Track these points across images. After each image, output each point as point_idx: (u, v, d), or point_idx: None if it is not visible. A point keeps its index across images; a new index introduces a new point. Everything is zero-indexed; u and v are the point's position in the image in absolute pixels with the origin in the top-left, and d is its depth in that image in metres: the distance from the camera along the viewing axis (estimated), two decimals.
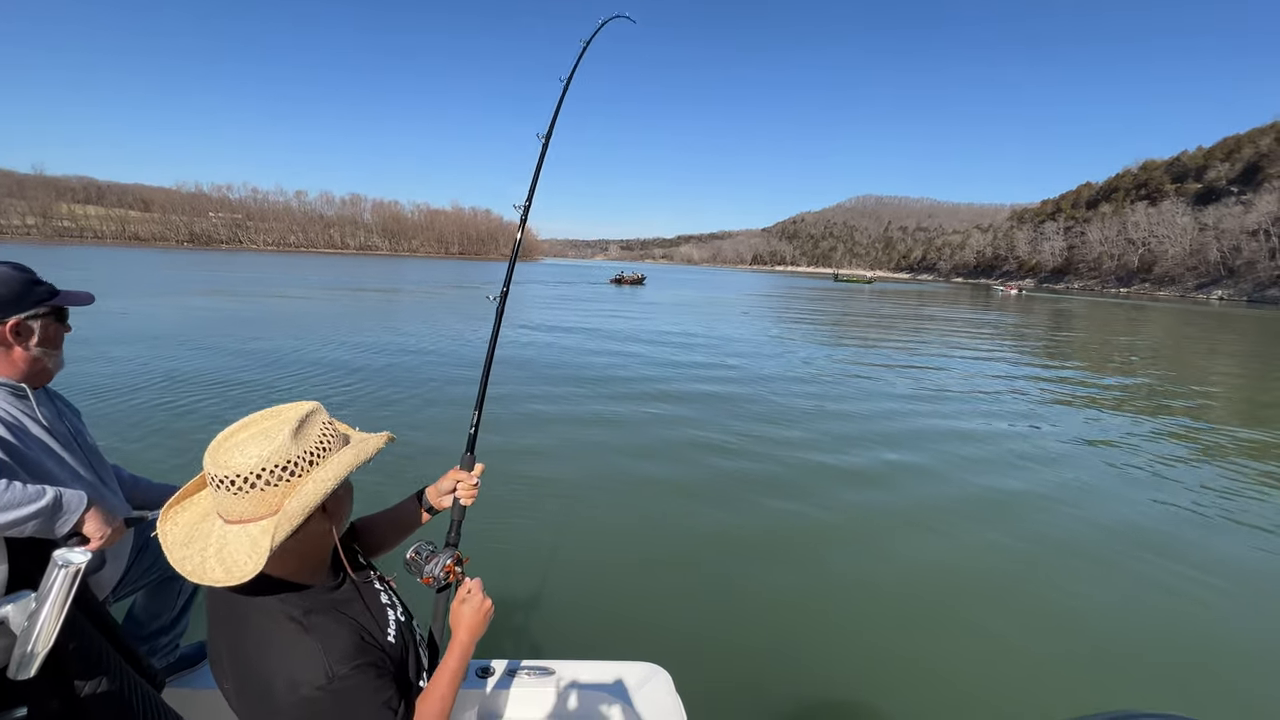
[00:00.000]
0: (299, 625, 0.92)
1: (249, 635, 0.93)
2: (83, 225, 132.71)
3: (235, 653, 0.95)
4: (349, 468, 0.96)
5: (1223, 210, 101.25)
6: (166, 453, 5.42)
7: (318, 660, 0.90)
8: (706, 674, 2.80)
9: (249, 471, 0.88)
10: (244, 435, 0.92)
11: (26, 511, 1.16)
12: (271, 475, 0.89)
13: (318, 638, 0.92)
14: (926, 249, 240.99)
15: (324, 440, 0.96)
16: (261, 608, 0.94)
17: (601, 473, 5.50)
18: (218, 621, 1.00)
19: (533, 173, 2.01)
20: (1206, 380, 13.09)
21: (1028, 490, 5.57)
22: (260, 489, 0.89)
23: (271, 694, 0.89)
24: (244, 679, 0.93)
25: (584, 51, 2.23)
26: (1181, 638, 3.40)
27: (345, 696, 0.90)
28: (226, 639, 0.97)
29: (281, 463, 0.90)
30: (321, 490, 0.91)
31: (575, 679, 1.83)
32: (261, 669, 0.90)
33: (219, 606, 0.99)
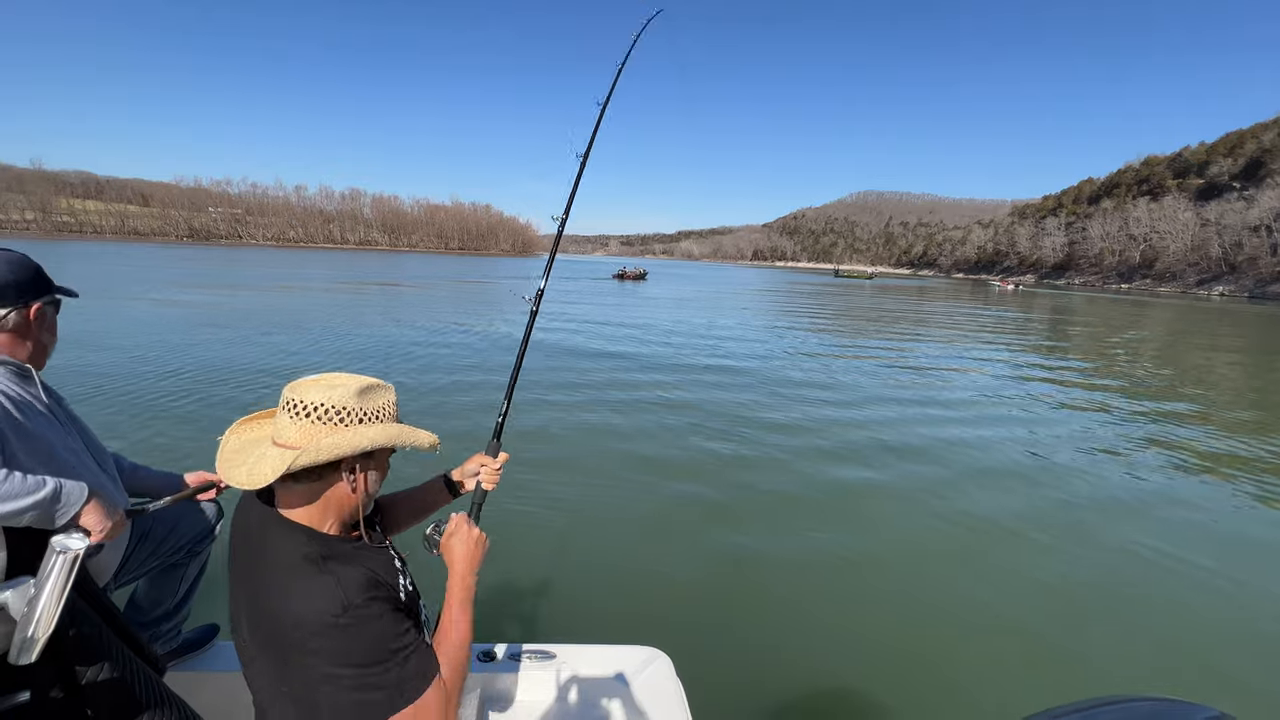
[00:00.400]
0: (315, 565, 0.97)
1: (268, 573, 0.98)
2: (82, 220, 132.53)
3: (255, 599, 0.98)
4: (391, 438, 1.03)
5: (1225, 206, 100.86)
6: (176, 440, 5.45)
7: (333, 593, 0.93)
8: (706, 658, 2.82)
9: (311, 403, 0.99)
10: (322, 381, 1.02)
11: (26, 503, 1.16)
12: (325, 413, 0.99)
13: (333, 574, 0.96)
14: (928, 245, 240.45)
15: (382, 410, 1.05)
16: (282, 547, 0.99)
17: (603, 460, 5.53)
18: (240, 574, 1.04)
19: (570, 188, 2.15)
20: (1205, 373, 13.10)
21: (1027, 485, 5.60)
22: (312, 420, 0.99)
23: (290, 630, 0.93)
24: (263, 621, 0.96)
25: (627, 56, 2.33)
26: (1178, 625, 3.42)
27: (363, 624, 0.93)
28: (247, 588, 1.01)
29: (339, 406, 0.99)
30: (356, 442, 0.98)
31: (577, 663, 1.85)
32: (280, 607, 0.94)
33: (243, 556, 1.04)
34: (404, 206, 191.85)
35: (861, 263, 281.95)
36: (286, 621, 0.93)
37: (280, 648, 0.95)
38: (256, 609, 0.98)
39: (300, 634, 0.92)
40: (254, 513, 1.06)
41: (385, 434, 1.03)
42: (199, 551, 1.86)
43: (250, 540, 1.04)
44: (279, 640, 0.94)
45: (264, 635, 0.97)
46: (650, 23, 2.44)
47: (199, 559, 1.88)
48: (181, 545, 1.78)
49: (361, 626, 0.93)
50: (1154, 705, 0.92)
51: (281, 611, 0.94)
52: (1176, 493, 5.53)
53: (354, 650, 0.92)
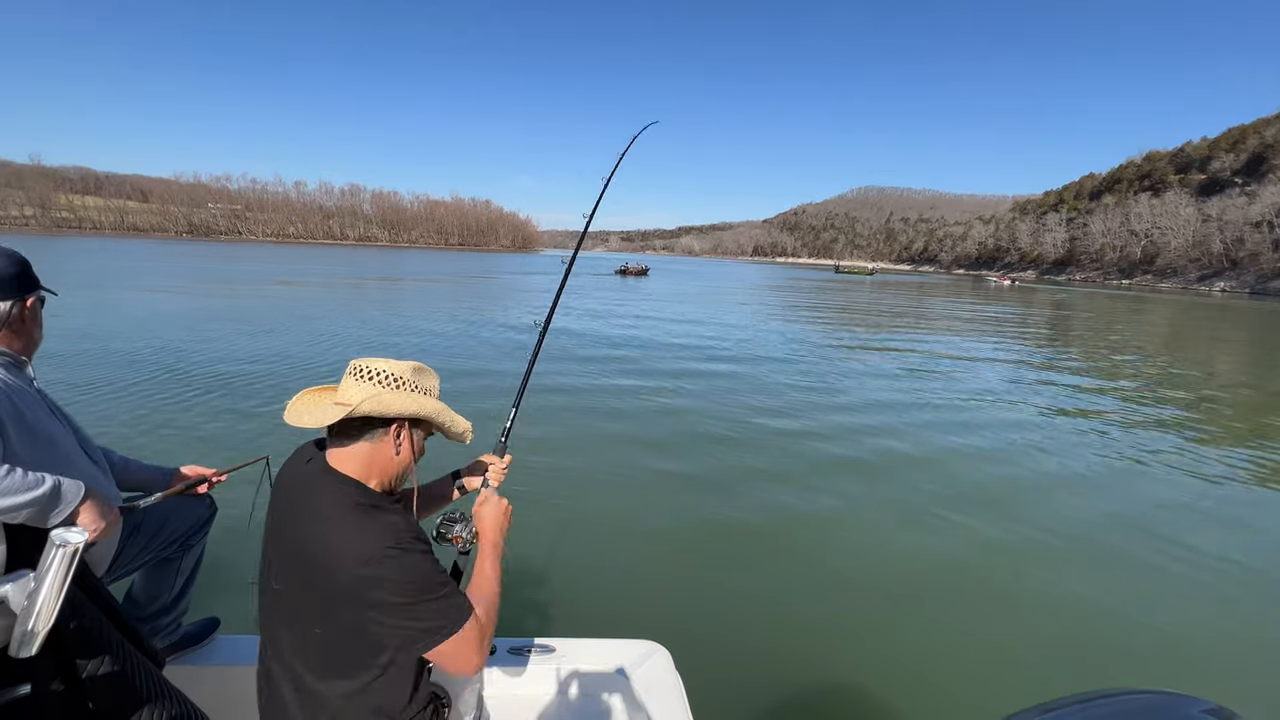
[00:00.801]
0: (363, 510, 1.08)
1: (319, 523, 1.07)
2: (81, 216, 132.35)
3: (302, 542, 1.07)
4: (437, 411, 1.21)
5: (1226, 201, 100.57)
6: (169, 435, 5.45)
7: (382, 530, 1.05)
8: (705, 652, 2.83)
9: (376, 370, 1.16)
10: (384, 359, 1.20)
11: (24, 499, 1.16)
12: (387, 380, 1.16)
13: (380, 518, 1.08)
14: (928, 240, 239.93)
15: (432, 389, 1.25)
16: (334, 497, 1.09)
17: (603, 455, 5.53)
18: (283, 523, 1.14)
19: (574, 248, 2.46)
20: (1204, 368, 13.10)
21: (1026, 481, 5.62)
22: (375, 383, 1.15)
23: (343, 566, 1.01)
24: (310, 564, 1.05)
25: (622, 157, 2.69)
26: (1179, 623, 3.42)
27: (411, 556, 1.04)
28: (293, 535, 1.10)
29: (399, 375, 1.17)
30: (407, 405, 1.15)
31: (576, 656, 1.85)
32: (334, 546, 1.03)
33: (288, 506, 1.15)
34: (404, 202, 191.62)
35: (862, 258, 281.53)
36: (339, 558, 1.01)
37: (327, 586, 1.02)
38: (303, 553, 1.07)
39: (353, 568, 1.00)
40: (303, 467, 1.17)
41: (434, 406, 1.20)
42: (192, 545, 1.86)
43: (297, 491, 1.14)
44: (327, 579, 1.02)
45: (304, 575, 1.05)
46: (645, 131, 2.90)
47: (193, 552, 1.88)
48: (174, 539, 1.78)
49: (410, 558, 1.04)
50: (1150, 698, 0.92)
51: (334, 550, 1.02)
52: (1172, 488, 5.53)
53: (405, 580, 1.02)
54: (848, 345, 14.29)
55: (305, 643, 1.08)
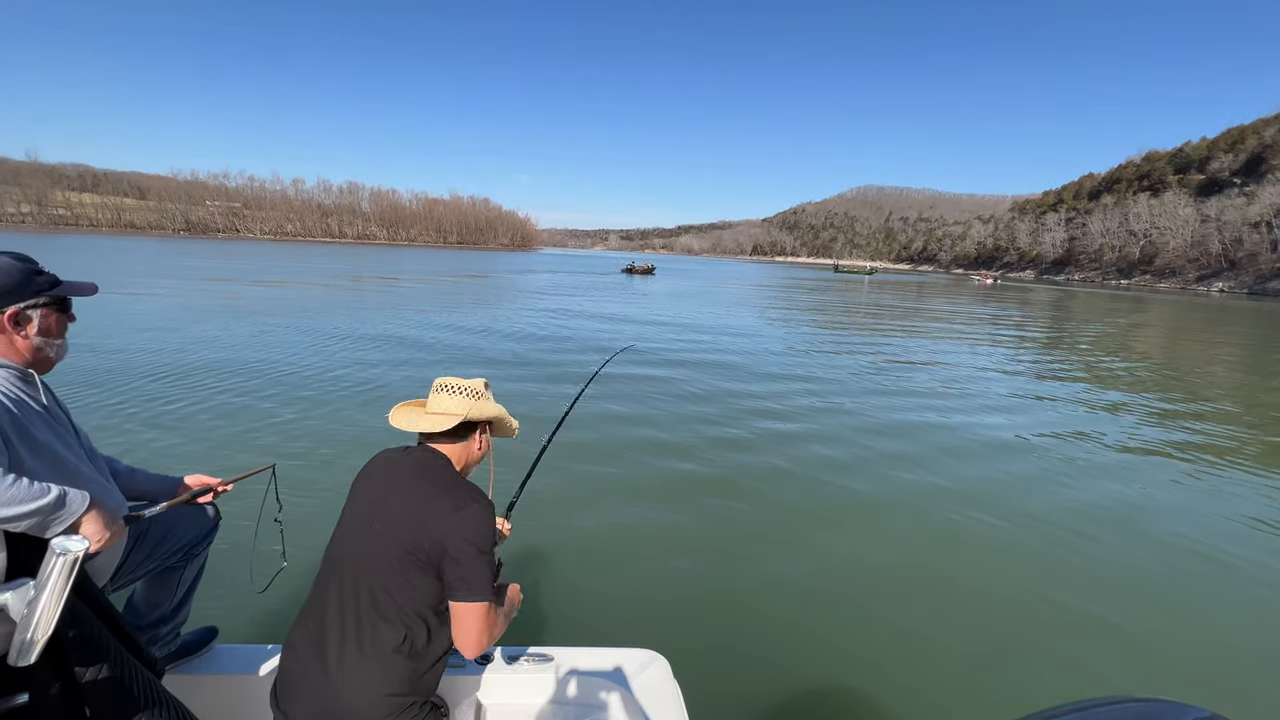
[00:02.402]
0: (455, 479, 1.46)
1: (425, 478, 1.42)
2: (78, 213, 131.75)
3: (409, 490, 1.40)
4: (502, 414, 1.59)
5: (1225, 202, 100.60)
6: (173, 444, 5.41)
7: (472, 489, 1.43)
8: (704, 661, 2.82)
9: (465, 386, 1.52)
10: (457, 377, 1.56)
11: (28, 508, 1.16)
12: (473, 393, 1.52)
13: (469, 485, 1.46)
14: (927, 240, 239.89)
15: (492, 398, 1.61)
16: (437, 469, 1.45)
17: (603, 462, 5.50)
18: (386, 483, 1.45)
19: None
20: (1195, 365, 13.10)
21: (1026, 483, 5.60)
22: (464, 396, 1.51)
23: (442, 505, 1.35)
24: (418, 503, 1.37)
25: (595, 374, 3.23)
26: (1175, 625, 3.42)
27: (489, 511, 1.39)
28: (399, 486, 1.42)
29: (478, 389, 1.55)
30: (494, 410, 1.56)
31: (574, 665, 1.86)
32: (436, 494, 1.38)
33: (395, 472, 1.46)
34: (402, 200, 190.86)
35: (861, 258, 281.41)
36: (439, 504, 1.35)
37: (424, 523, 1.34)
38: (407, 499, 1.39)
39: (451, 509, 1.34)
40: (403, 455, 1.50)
41: (500, 411, 1.58)
42: (196, 555, 1.86)
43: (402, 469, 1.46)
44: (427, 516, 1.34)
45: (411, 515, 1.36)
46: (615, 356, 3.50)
47: (196, 562, 1.88)
48: (178, 548, 1.79)
49: (488, 511, 1.38)
50: (1144, 706, 0.94)
51: (437, 498, 1.37)
52: (1170, 490, 5.52)
53: (484, 530, 1.35)
54: (848, 345, 14.27)
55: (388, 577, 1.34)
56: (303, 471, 4.81)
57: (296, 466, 4.90)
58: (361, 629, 1.31)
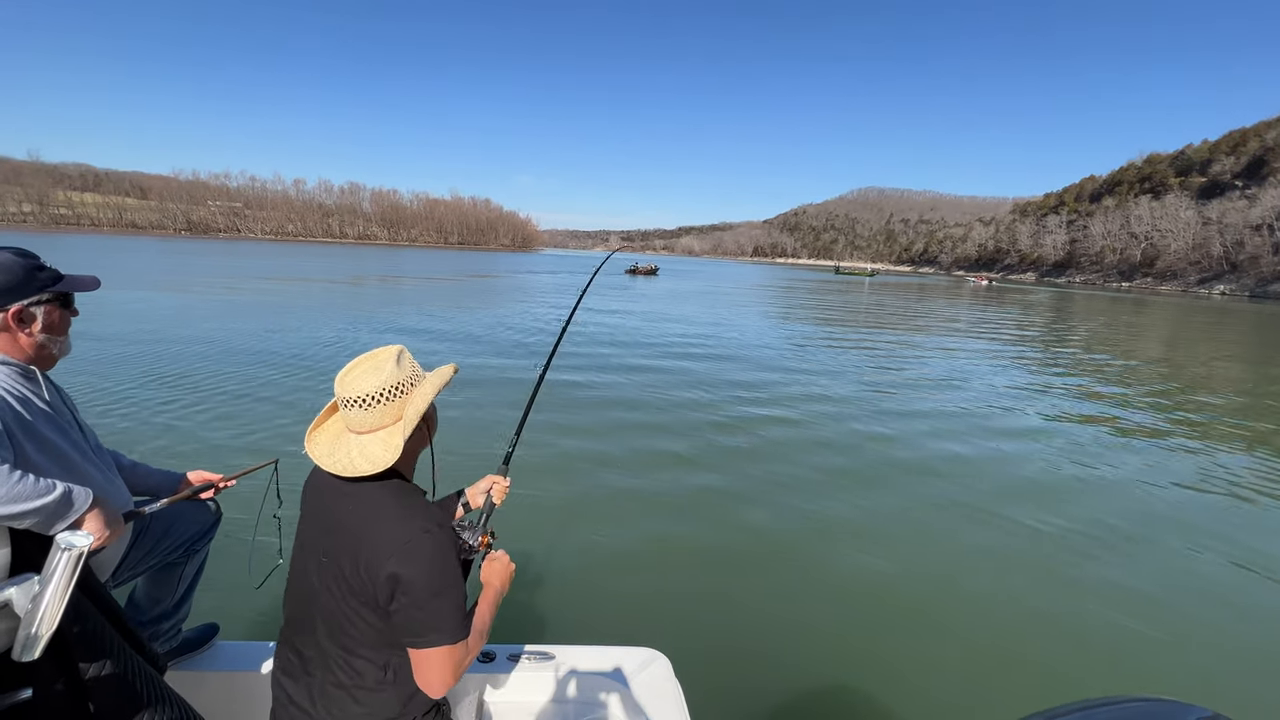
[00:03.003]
0: (405, 498, 1.21)
1: (368, 504, 1.18)
2: (79, 213, 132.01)
3: (351, 520, 1.17)
4: (438, 387, 1.27)
5: (1227, 204, 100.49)
6: (174, 440, 5.41)
7: (421, 517, 1.17)
8: (705, 660, 2.81)
9: (375, 392, 1.18)
10: (360, 370, 1.20)
11: (34, 505, 1.16)
12: (389, 393, 1.19)
13: (418, 507, 1.20)
14: (928, 242, 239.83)
15: (415, 368, 1.27)
16: (377, 489, 1.20)
17: (605, 460, 5.50)
18: (325, 505, 1.23)
19: None
20: (1189, 367, 13.08)
21: (1025, 486, 5.60)
22: (383, 404, 1.18)
23: (388, 538, 1.12)
24: (358, 536, 1.15)
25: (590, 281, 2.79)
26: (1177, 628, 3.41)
27: (443, 544, 1.15)
28: (341, 513, 1.19)
29: (394, 384, 1.20)
30: (427, 399, 1.24)
31: (576, 664, 1.85)
32: (379, 522, 1.15)
33: (333, 492, 1.22)
34: (403, 201, 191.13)
35: (862, 259, 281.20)
36: (383, 538, 1.12)
37: (368, 561, 1.12)
38: (347, 532, 1.16)
39: (396, 545, 1.11)
40: None
41: (434, 386, 1.27)
42: (197, 550, 1.85)
43: (342, 488, 1.21)
44: (370, 553, 1.12)
45: (352, 550, 1.14)
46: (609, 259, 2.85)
47: (197, 558, 1.87)
48: (179, 544, 1.78)
49: (443, 546, 1.14)
50: (1147, 705, 0.94)
51: (379, 530, 1.14)
52: (1170, 493, 5.51)
53: (436, 565, 1.12)
54: (849, 347, 14.27)
55: (340, 613, 1.16)
56: (306, 468, 4.79)
57: (300, 462, 4.89)
58: (338, 664, 1.19)
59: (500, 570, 1.42)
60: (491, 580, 1.40)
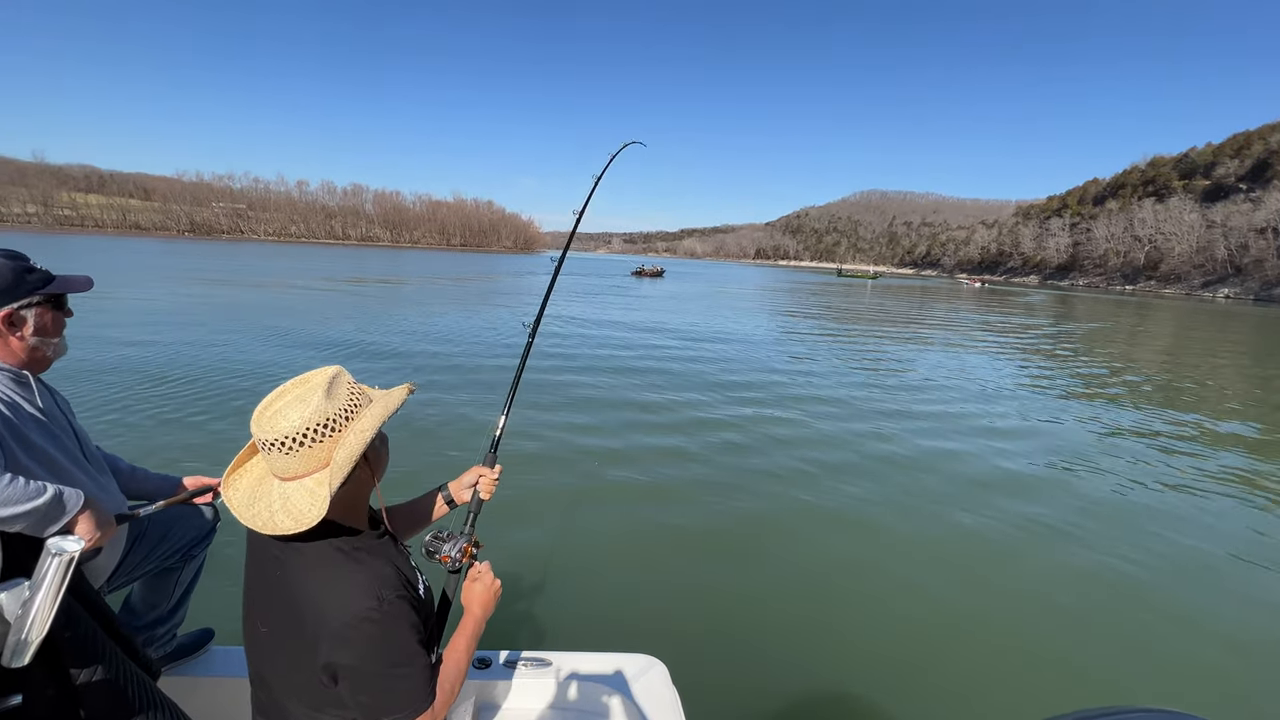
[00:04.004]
0: (349, 558, 1.01)
1: (302, 570, 1.00)
2: (83, 214, 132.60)
3: (286, 588, 1.01)
4: (381, 419, 1.04)
5: (1231, 208, 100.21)
6: (173, 443, 5.38)
7: (369, 586, 0.98)
8: (703, 666, 2.78)
9: (296, 433, 0.97)
10: (282, 403, 0.99)
11: (25, 508, 1.14)
12: (315, 434, 0.98)
13: (366, 568, 1.01)
14: (931, 244, 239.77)
15: (353, 397, 1.04)
16: (315, 546, 1.01)
17: (599, 466, 5.45)
18: (263, 563, 1.06)
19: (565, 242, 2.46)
20: (1185, 367, 12.99)
21: (1024, 494, 5.54)
22: (309, 447, 0.98)
23: (325, 618, 0.95)
24: (295, 610, 0.99)
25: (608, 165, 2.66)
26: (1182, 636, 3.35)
27: (393, 620, 0.97)
28: (274, 579, 1.03)
29: (322, 421, 0.98)
30: (363, 440, 1.00)
31: (573, 670, 1.84)
32: (315, 597, 0.98)
33: (267, 549, 1.05)
34: (406, 202, 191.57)
35: (864, 262, 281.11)
36: (322, 614, 0.96)
37: (310, 638, 0.97)
38: (285, 601, 1.01)
39: (336, 624, 0.95)
40: None
41: (375, 416, 1.04)
42: (194, 556, 1.84)
43: (276, 542, 1.04)
44: (310, 630, 0.97)
45: (292, 624, 0.99)
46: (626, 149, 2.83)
47: (194, 563, 1.86)
48: (176, 549, 1.76)
49: (392, 623, 0.97)
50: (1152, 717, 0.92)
51: (317, 603, 0.97)
52: (1172, 497, 5.45)
53: (382, 648, 0.97)
54: (850, 351, 14.22)
55: (294, 682, 1.04)
56: None
57: None
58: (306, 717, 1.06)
59: (482, 593, 1.26)
60: (472, 606, 1.24)
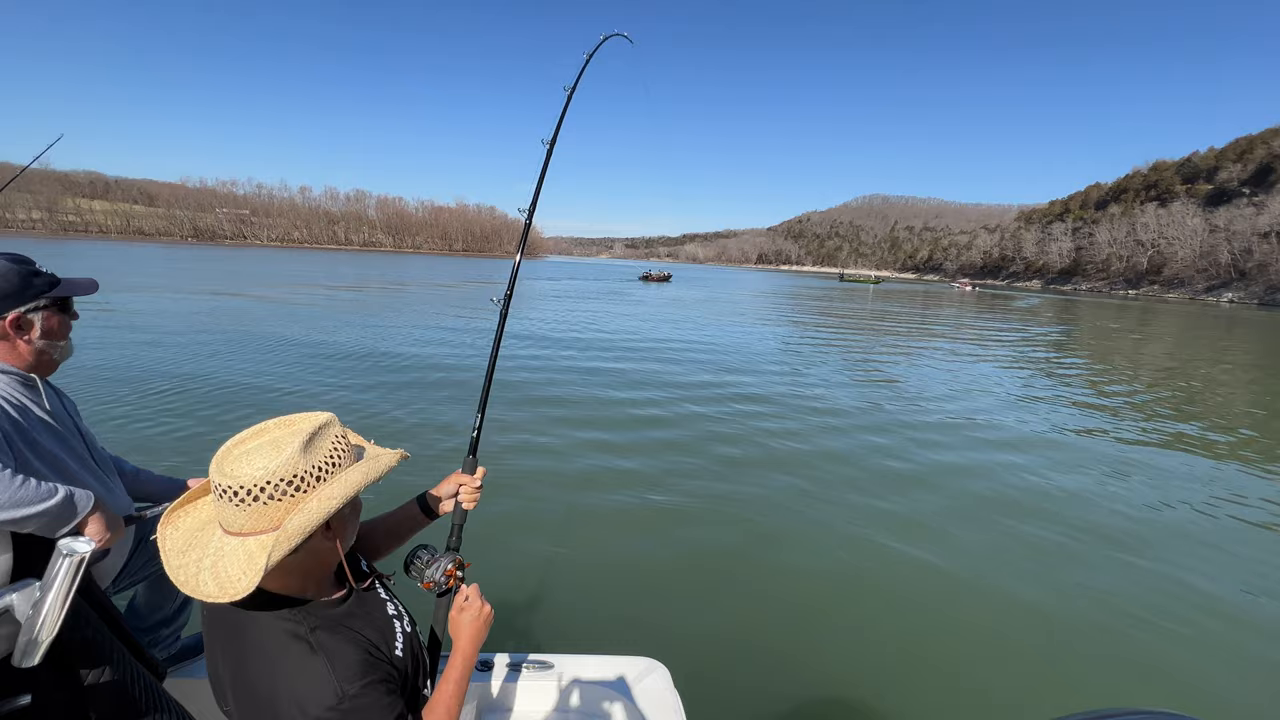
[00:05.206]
0: (305, 644, 0.89)
1: (252, 655, 0.89)
2: (88, 220, 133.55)
3: (238, 673, 0.91)
4: (357, 487, 0.92)
5: (1234, 212, 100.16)
6: (176, 444, 5.30)
7: (326, 680, 0.86)
8: (704, 669, 2.75)
9: (253, 484, 0.85)
10: (254, 444, 0.88)
11: (37, 509, 1.15)
12: (275, 490, 0.85)
13: (325, 656, 0.88)
14: (933, 249, 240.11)
15: (334, 455, 0.92)
16: (264, 625, 0.90)
17: (601, 469, 5.39)
18: (216, 639, 0.96)
19: (537, 177, 1.99)
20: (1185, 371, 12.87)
21: (1024, 491, 5.48)
22: (263, 503, 0.85)
23: (279, 716, 0.85)
24: (249, 700, 0.89)
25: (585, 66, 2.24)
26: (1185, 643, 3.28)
27: (355, 716, 0.86)
28: (227, 658, 0.93)
29: (288, 476, 0.86)
30: (325, 510, 0.88)
31: (574, 673, 1.83)
32: (268, 690, 0.87)
33: (218, 623, 0.95)
34: (409, 208, 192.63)
35: (866, 267, 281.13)
36: (273, 706, 0.86)
37: None
38: (238, 681, 0.91)
39: None
40: None
41: (350, 484, 0.91)
42: None
43: (228, 618, 0.93)
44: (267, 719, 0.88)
45: (252, 712, 0.90)
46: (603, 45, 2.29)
47: None
48: None
49: (352, 717, 0.86)
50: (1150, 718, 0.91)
51: (268, 693, 0.87)
52: (1175, 504, 5.37)
53: None
54: (852, 357, 14.15)
55: None
56: None
57: None
58: None
59: (470, 623, 1.12)
60: (460, 639, 1.10)
